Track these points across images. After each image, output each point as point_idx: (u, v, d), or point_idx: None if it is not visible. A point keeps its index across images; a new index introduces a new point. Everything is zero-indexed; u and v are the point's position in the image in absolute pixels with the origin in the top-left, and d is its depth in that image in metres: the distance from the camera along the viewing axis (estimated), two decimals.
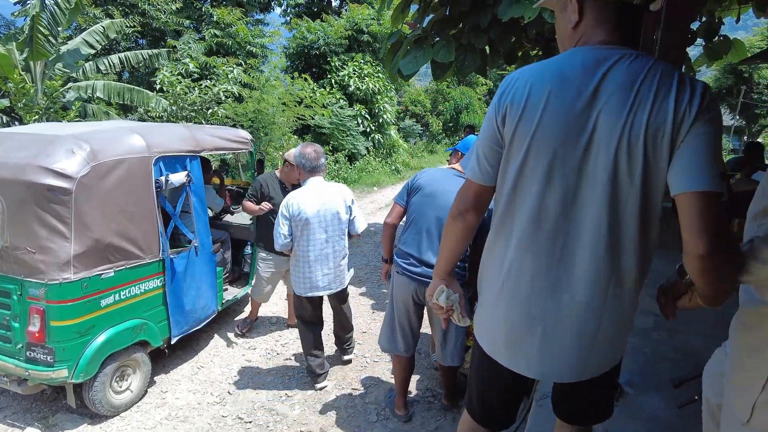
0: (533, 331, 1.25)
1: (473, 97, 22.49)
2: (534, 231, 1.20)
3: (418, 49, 4.81)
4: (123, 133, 3.34)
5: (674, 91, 1.05)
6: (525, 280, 1.24)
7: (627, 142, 1.07)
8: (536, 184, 1.15)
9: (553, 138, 1.11)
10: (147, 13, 12.16)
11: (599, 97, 1.08)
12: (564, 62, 1.12)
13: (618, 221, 1.14)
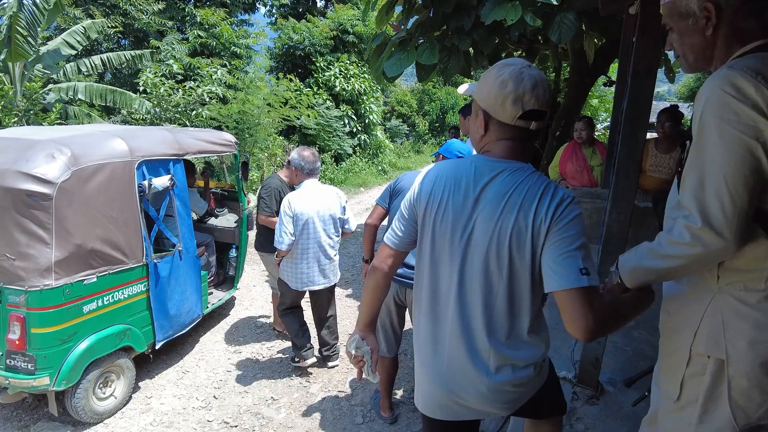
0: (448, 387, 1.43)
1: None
2: (433, 303, 1.42)
3: (402, 51, 4.82)
4: (105, 137, 3.31)
5: (536, 203, 1.25)
6: (429, 344, 1.46)
7: (496, 243, 1.28)
8: (433, 265, 1.39)
9: (446, 230, 1.35)
10: (129, 14, 12.02)
11: (480, 202, 1.31)
12: (463, 168, 1.35)
13: (490, 306, 1.35)
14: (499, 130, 1.33)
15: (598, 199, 4.21)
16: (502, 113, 1.29)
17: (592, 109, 10.48)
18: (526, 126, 1.30)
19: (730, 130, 1.06)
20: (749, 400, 1.15)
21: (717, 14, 1.13)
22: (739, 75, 1.06)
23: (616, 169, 2.19)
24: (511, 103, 1.26)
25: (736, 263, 1.17)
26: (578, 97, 6.52)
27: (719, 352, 1.19)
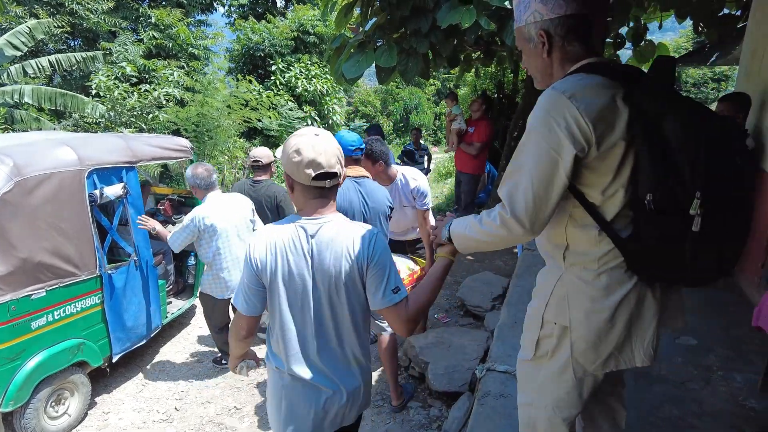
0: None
1: (422, 97, 22.79)
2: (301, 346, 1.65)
3: (361, 53, 4.83)
4: (51, 146, 3.19)
5: (353, 246, 1.54)
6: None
7: (335, 285, 1.56)
8: (290, 316, 1.62)
9: (295, 286, 1.59)
10: (76, 13, 11.57)
11: (313, 255, 1.56)
12: (291, 233, 1.58)
13: (339, 335, 1.63)
14: (303, 191, 1.59)
15: None
16: (299, 177, 1.54)
17: None
18: (321, 185, 1.56)
19: (542, 143, 1.27)
20: (585, 358, 1.43)
21: (549, 40, 1.34)
22: (554, 95, 1.27)
23: None
24: (305, 168, 1.51)
25: (577, 248, 1.40)
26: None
27: (564, 319, 1.43)
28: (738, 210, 1.28)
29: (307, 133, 1.57)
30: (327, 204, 1.62)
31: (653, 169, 1.23)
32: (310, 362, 1.63)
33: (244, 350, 1.83)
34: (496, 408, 2.40)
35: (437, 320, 4.43)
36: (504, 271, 5.24)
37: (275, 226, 1.63)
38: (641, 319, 1.41)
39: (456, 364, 3.31)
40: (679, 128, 1.20)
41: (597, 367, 1.44)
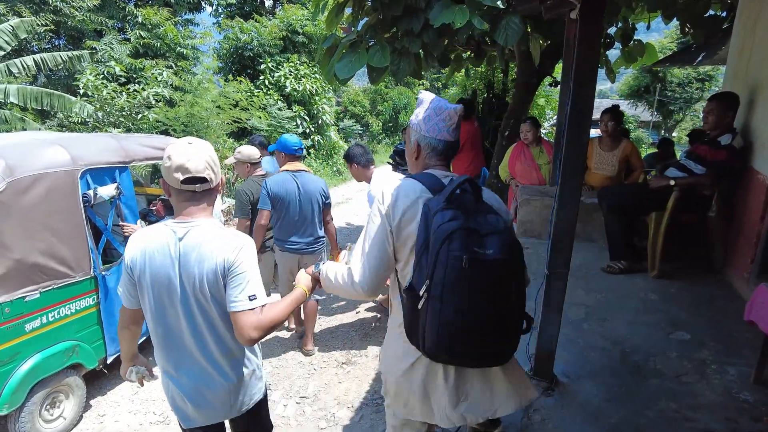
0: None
1: (411, 97, 22.80)
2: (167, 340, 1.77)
3: (353, 54, 4.83)
4: (43, 146, 3.15)
5: (218, 250, 1.65)
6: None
7: (200, 285, 1.66)
8: (158, 314, 1.74)
9: (161, 285, 1.69)
10: (60, 11, 11.40)
11: (180, 258, 1.67)
12: (163, 232, 1.70)
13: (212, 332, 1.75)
14: (175, 194, 1.71)
15: (546, 197, 4.37)
16: (171, 180, 1.67)
17: (539, 109, 10.82)
18: (192, 189, 1.68)
19: (378, 222, 1.62)
20: (394, 403, 1.75)
21: (417, 149, 1.75)
22: (391, 188, 1.65)
23: (561, 171, 2.29)
24: (173, 172, 1.63)
25: (395, 310, 1.71)
26: (525, 98, 6.72)
27: (382, 366, 1.80)
28: (469, 304, 1.44)
29: (181, 142, 1.70)
30: (199, 207, 1.73)
31: (415, 258, 1.53)
32: (186, 357, 1.76)
33: (128, 345, 1.97)
34: None
35: None
36: None
37: (150, 228, 1.76)
38: (435, 385, 1.61)
39: None
40: (433, 226, 1.46)
41: (405, 413, 1.71)
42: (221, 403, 1.81)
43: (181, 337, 1.74)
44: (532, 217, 4.41)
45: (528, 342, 2.71)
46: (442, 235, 1.43)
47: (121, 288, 1.79)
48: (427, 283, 1.44)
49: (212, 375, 1.77)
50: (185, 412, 1.83)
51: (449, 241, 1.43)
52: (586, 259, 3.98)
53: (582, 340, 2.95)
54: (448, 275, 1.41)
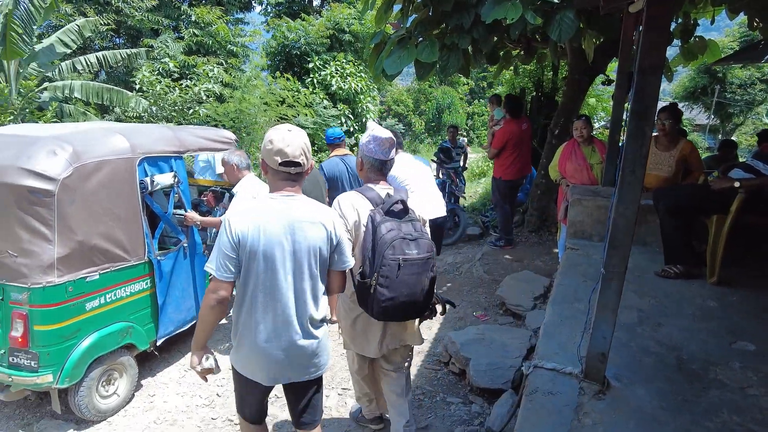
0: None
1: (455, 96, 22.62)
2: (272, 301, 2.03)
3: (402, 49, 4.83)
4: (106, 134, 3.29)
5: (323, 220, 2.03)
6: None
7: (307, 251, 1.99)
8: (267, 278, 1.99)
9: (272, 250, 1.94)
10: (121, 11, 11.94)
11: (292, 227, 1.96)
12: (271, 205, 1.98)
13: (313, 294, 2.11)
14: (273, 174, 2.00)
15: (599, 197, 4.23)
16: (270, 161, 1.96)
17: (589, 108, 10.49)
18: (287, 171, 1.97)
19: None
20: (348, 340, 2.61)
21: (361, 164, 2.44)
22: (345, 200, 2.37)
23: (622, 165, 2.20)
24: (274, 155, 1.93)
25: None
26: (576, 96, 6.54)
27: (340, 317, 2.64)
28: (401, 287, 2.24)
29: (282, 128, 1.97)
30: (294, 186, 2.02)
31: (363, 254, 2.28)
32: (282, 318, 1.99)
33: (210, 328, 2.06)
34: (544, 404, 2.35)
35: (476, 318, 4.39)
36: (544, 270, 5.15)
37: (250, 203, 2.03)
38: (372, 330, 2.48)
39: (498, 361, 3.27)
40: (379, 234, 2.23)
41: (354, 347, 2.59)
42: (308, 360, 2.09)
43: (282, 299, 1.97)
44: (583, 218, 4.28)
45: (579, 343, 2.63)
46: (386, 243, 2.21)
47: (218, 262, 1.91)
48: (375, 276, 2.22)
49: (303, 334, 2.04)
50: (268, 371, 2.06)
51: (391, 248, 2.21)
52: (639, 263, 3.82)
53: (635, 344, 2.83)
54: (390, 271, 2.21)
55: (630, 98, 2.20)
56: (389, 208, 2.29)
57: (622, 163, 2.17)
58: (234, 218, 1.92)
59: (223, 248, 1.90)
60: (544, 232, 6.34)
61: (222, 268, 1.90)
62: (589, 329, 2.50)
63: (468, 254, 6.22)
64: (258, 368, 2.06)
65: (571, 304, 3.26)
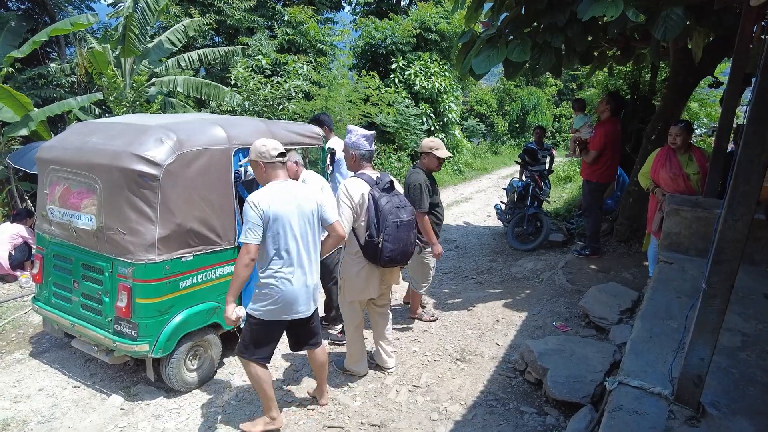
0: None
1: (542, 97, 21.86)
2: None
3: (492, 48, 4.73)
4: (206, 125, 3.52)
5: (314, 194, 2.94)
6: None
7: (309, 214, 2.86)
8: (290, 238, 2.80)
9: (288, 223, 2.77)
10: (222, 11, 12.69)
11: (296, 201, 2.81)
12: (286, 187, 2.81)
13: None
14: (272, 166, 2.80)
15: (699, 208, 3.90)
16: (269, 157, 2.77)
17: (691, 113, 9.70)
18: (281, 160, 2.81)
19: (348, 204, 3.22)
20: (351, 291, 3.40)
21: (353, 157, 3.37)
22: (351, 184, 3.26)
23: (734, 173, 2.01)
24: (271, 151, 2.77)
25: (350, 245, 3.33)
26: (677, 100, 6.05)
27: (342, 272, 3.45)
28: (398, 241, 3.21)
29: (265, 138, 2.92)
30: (285, 173, 2.86)
31: (369, 221, 3.20)
32: (301, 266, 2.82)
33: (242, 283, 2.70)
34: (629, 423, 2.21)
35: (555, 328, 4.21)
36: (632, 283, 4.83)
37: (268, 188, 2.75)
38: (373, 277, 3.34)
39: (578, 374, 3.12)
40: (381, 205, 3.18)
41: (355, 296, 3.39)
42: (313, 296, 2.94)
43: (299, 251, 2.79)
44: (680, 230, 3.96)
45: (671, 363, 2.44)
46: (387, 212, 3.17)
47: (253, 230, 2.63)
48: (382, 235, 3.16)
49: (312, 276, 2.89)
50: (293, 307, 2.82)
51: (390, 214, 3.18)
52: (746, 283, 3.49)
53: (737, 370, 2.59)
54: (391, 231, 3.18)
55: (747, 102, 2.00)
56: (384, 186, 3.25)
57: (734, 171, 1.99)
58: (257, 199, 2.65)
59: (252, 221, 2.62)
60: (633, 243, 5.95)
61: (252, 235, 2.62)
62: (683, 349, 2.32)
63: (550, 261, 5.98)
64: (290, 308, 2.81)
65: (662, 320, 3.04)
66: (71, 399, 3.38)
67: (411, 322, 4.54)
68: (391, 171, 12.10)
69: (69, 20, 8.29)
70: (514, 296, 5.12)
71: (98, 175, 3.19)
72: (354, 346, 3.61)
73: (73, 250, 3.43)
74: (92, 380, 3.59)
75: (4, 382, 3.57)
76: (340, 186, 3.28)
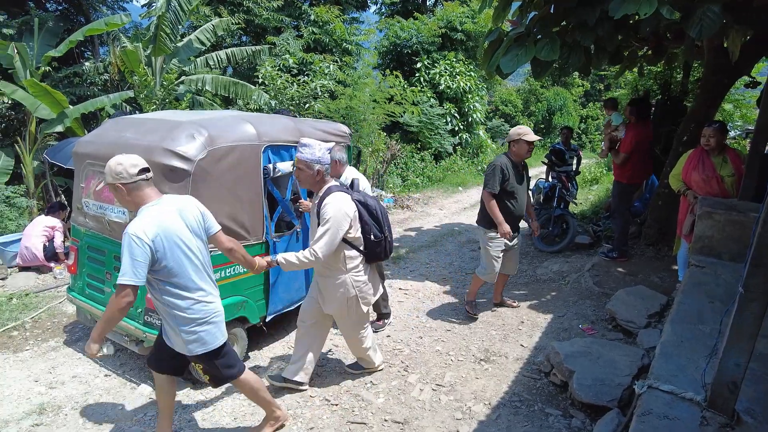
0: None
1: (568, 98, 21.57)
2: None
3: (520, 47, 4.69)
4: (237, 121, 3.58)
5: (196, 206, 2.62)
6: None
7: (195, 231, 2.56)
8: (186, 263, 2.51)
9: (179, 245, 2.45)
10: (251, 11, 12.85)
11: (182, 218, 2.50)
12: (163, 211, 2.43)
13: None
14: (137, 186, 2.39)
15: (734, 211, 3.79)
16: (129, 177, 2.35)
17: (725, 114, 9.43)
18: (145, 177, 2.41)
19: (346, 224, 3.01)
20: (366, 297, 3.28)
21: (319, 173, 3.00)
22: (345, 203, 3.02)
23: None
24: (129, 169, 2.35)
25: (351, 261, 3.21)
26: (711, 101, 5.89)
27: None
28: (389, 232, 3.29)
29: (123, 155, 2.41)
30: (154, 188, 2.49)
31: (366, 225, 3.15)
32: (210, 282, 2.62)
33: (118, 322, 2.40)
34: (659, 429, 2.17)
35: (581, 330, 4.16)
36: (660, 287, 4.74)
37: (146, 215, 2.36)
38: (374, 276, 3.35)
39: (605, 377, 3.08)
40: (369, 209, 3.18)
41: (371, 299, 3.32)
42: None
43: (199, 269, 2.55)
44: (712, 233, 3.86)
45: (704, 369, 2.39)
46: (378, 208, 3.22)
47: (137, 269, 2.27)
48: (385, 231, 3.24)
49: (216, 293, 2.74)
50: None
51: (381, 207, 3.27)
52: None
53: None
54: (387, 223, 3.29)
55: None
56: (355, 189, 3.32)
57: None
58: (141, 232, 2.26)
59: (138, 258, 2.25)
60: (662, 246, 5.82)
61: (137, 275, 2.26)
62: (716, 354, 2.27)
63: (576, 263, 5.90)
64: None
65: (694, 325, 2.97)
66: (103, 387, 3.47)
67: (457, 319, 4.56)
68: (414, 171, 12.11)
69: (103, 20, 8.52)
70: (540, 298, 5.07)
71: None
72: (369, 340, 3.52)
73: (107, 242, 3.53)
74: (122, 369, 3.69)
75: (40, 368, 3.69)
76: (335, 208, 2.94)
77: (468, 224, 8.48)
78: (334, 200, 2.96)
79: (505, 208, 4.22)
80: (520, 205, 4.34)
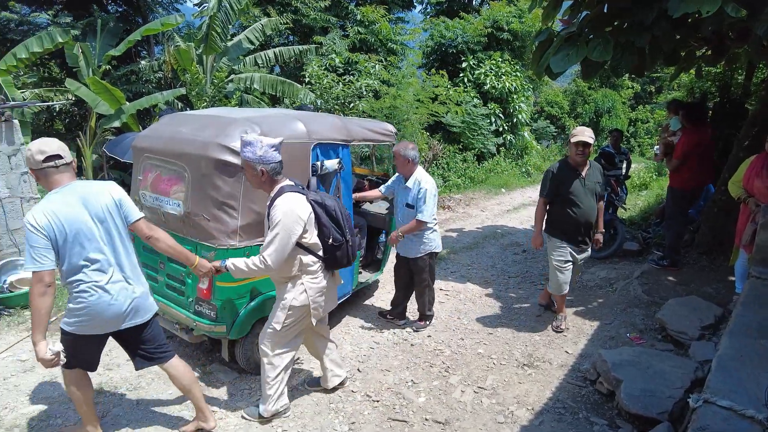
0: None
1: (617, 100, 20.90)
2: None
3: (571, 47, 4.59)
4: (288, 119, 3.65)
5: (105, 191, 2.53)
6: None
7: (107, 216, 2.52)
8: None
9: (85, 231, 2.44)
10: (299, 11, 13.08)
11: (85, 205, 2.45)
12: (63, 200, 2.39)
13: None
14: (41, 175, 2.39)
15: None
16: (36, 164, 2.36)
17: None
18: (53, 165, 2.38)
19: (300, 228, 2.76)
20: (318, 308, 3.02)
21: (263, 173, 2.77)
22: (297, 204, 2.76)
23: None
24: (34, 156, 2.34)
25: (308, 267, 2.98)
26: None
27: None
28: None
29: (36, 141, 2.37)
30: (64, 176, 2.42)
31: (330, 228, 2.92)
32: (123, 268, 2.54)
33: (49, 310, 2.28)
34: None
35: (629, 339, 4.03)
36: (714, 298, 4.53)
37: (44, 201, 2.33)
38: (331, 288, 3.10)
39: (655, 388, 2.97)
40: (327, 210, 2.94)
41: (320, 313, 3.05)
42: (145, 302, 2.72)
43: (106, 255, 2.48)
44: None
45: (767, 385, 2.27)
46: (339, 210, 2.97)
47: (39, 255, 2.27)
48: (347, 234, 3.00)
49: (134, 279, 2.65)
50: (115, 317, 2.56)
51: (343, 207, 3.03)
52: None
53: None
54: (351, 228, 3.06)
55: None
56: (316, 192, 3.06)
57: None
58: (32, 218, 2.25)
59: (35, 245, 2.24)
60: (717, 256, 5.56)
61: (40, 261, 2.26)
62: None
63: (624, 271, 5.72)
64: (110, 320, 2.49)
65: (754, 339, 2.83)
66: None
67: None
68: (456, 171, 12.02)
69: (159, 21, 8.88)
70: (586, 304, 4.94)
71: (187, 163, 3.39)
72: (282, 386, 3.06)
73: None
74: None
75: None
76: (285, 211, 2.72)
77: (511, 227, 8.35)
78: (284, 202, 2.71)
79: (565, 215, 4.04)
80: (584, 212, 4.02)
